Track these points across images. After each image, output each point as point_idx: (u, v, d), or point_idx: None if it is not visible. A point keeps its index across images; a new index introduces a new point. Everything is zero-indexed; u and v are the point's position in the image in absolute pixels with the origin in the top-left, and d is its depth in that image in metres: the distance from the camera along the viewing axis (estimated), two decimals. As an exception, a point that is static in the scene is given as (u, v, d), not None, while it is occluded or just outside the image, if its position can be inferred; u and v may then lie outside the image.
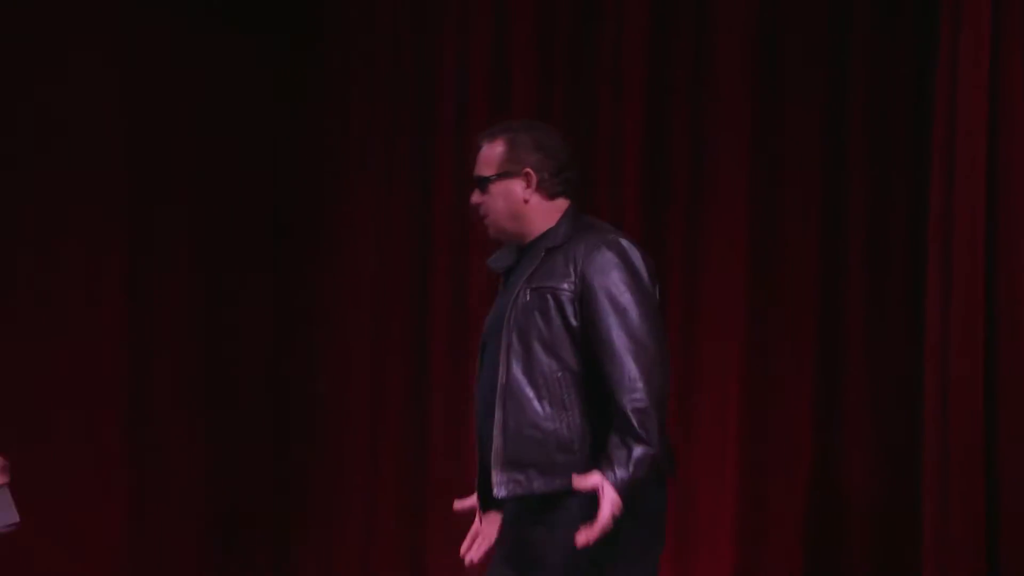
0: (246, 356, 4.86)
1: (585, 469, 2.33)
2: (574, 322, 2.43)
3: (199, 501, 4.72)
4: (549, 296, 2.45)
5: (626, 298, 2.40)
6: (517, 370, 2.45)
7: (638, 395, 2.33)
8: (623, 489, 2.29)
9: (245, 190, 4.88)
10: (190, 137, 4.76)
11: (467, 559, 2.57)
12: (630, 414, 2.33)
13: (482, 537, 2.57)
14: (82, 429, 4.54)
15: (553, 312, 2.44)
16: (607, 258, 2.43)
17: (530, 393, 2.44)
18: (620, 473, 2.29)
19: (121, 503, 4.59)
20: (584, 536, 2.26)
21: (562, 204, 2.54)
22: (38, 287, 4.52)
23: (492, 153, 2.53)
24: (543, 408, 2.44)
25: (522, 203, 2.51)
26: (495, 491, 2.43)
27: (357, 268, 4.70)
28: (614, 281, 2.41)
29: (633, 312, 2.39)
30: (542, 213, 2.52)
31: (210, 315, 4.78)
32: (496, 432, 2.45)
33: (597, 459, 2.33)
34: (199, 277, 4.77)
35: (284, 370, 4.86)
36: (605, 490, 2.28)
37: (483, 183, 2.53)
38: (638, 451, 2.32)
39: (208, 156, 4.78)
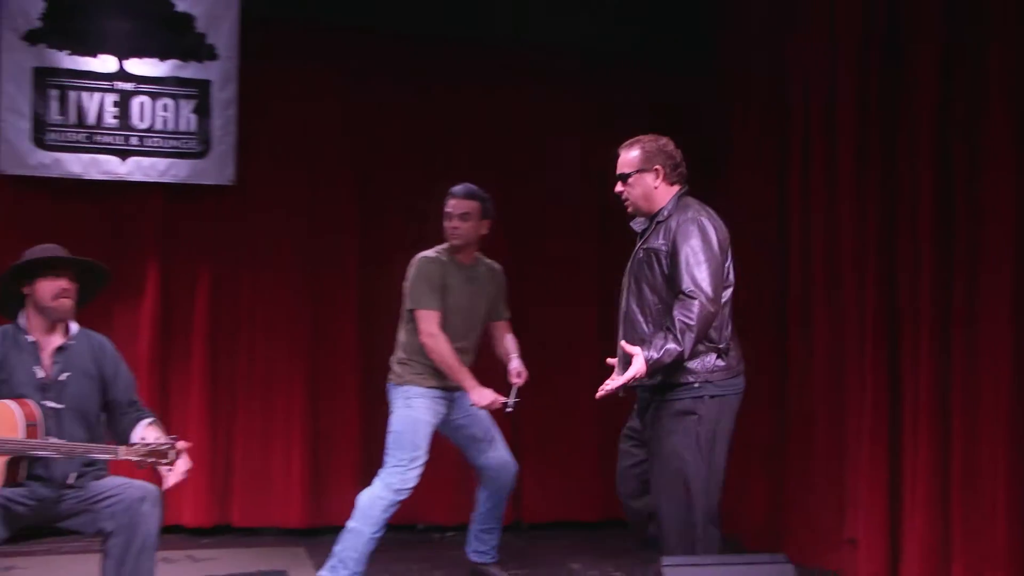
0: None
1: (679, 371, 3.52)
2: (667, 271, 3.53)
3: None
4: (652, 254, 3.58)
5: (697, 256, 3.47)
6: (632, 302, 3.63)
7: (687, 315, 3.42)
8: (649, 362, 3.39)
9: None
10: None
11: (597, 396, 3.61)
12: (676, 323, 3.42)
13: (608, 383, 3.56)
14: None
15: (655, 264, 3.57)
16: (690, 229, 3.52)
17: (640, 318, 3.59)
18: (652, 352, 3.40)
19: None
20: (608, 386, 3.47)
21: (675, 190, 3.67)
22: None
23: (630, 156, 3.70)
24: (648, 328, 3.56)
25: (652, 189, 3.66)
26: (605, 389, 3.49)
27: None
28: (691, 245, 3.49)
29: (699, 266, 3.46)
30: (663, 196, 3.66)
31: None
32: (619, 344, 3.56)
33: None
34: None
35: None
36: (636, 359, 3.38)
37: (625, 177, 3.70)
38: (670, 345, 3.40)
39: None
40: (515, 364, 4.59)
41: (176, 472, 3.57)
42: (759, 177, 5.83)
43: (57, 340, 3.68)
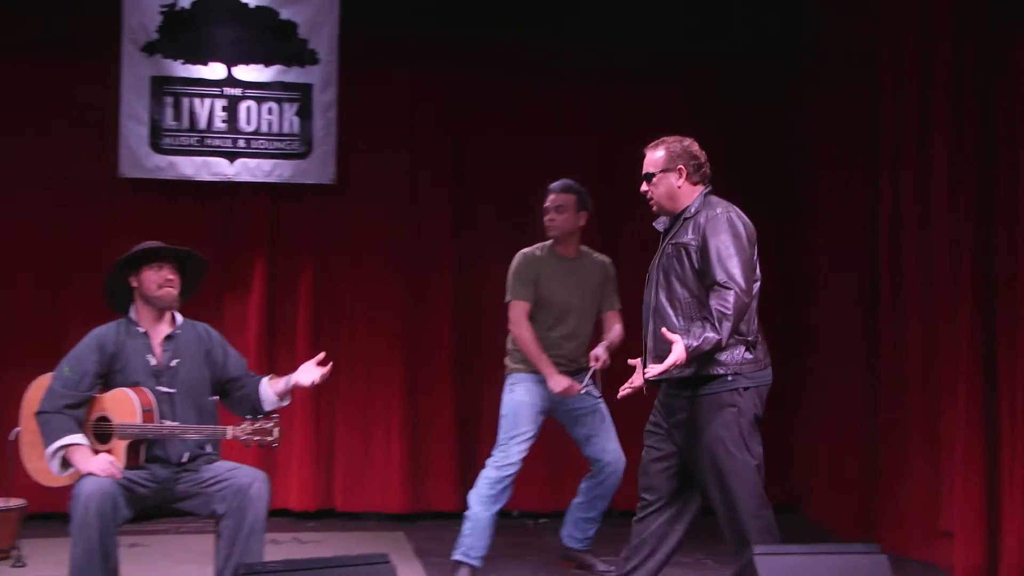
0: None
1: (710, 363, 3.51)
2: (697, 265, 3.54)
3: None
4: (682, 248, 3.58)
5: (729, 250, 3.50)
6: (663, 296, 3.61)
7: (724, 304, 3.43)
8: (689, 349, 3.39)
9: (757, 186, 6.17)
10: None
11: (620, 396, 3.75)
12: (714, 312, 3.43)
13: (632, 380, 3.72)
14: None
15: (684, 259, 3.57)
16: (720, 224, 3.54)
17: (670, 311, 3.59)
18: (691, 340, 3.40)
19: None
20: (649, 373, 3.48)
21: (700, 189, 3.68)
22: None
23: (655, 156, 3.71)
24: (678, 321, 3.56)
25: (676, 189, 3.68)
26: (646, 375, 3.54)
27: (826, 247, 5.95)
28: (722, 239, 3.52)
29: (731, 259, 3.48)
30: (687, 195, 3.67)
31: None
32: (648, 337, 3.64)
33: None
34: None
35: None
36: (676, 347, 3.38)
37: (650, 177, 3.71)
38: (709, 334, 3.41)
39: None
40: (598, 350, 4.61)
41: (310, 375, 3.83)
42: (847, 174, 5.75)
43: (165, 329, 3.87)
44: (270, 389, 3.91)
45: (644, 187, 3.72)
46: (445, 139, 6.28)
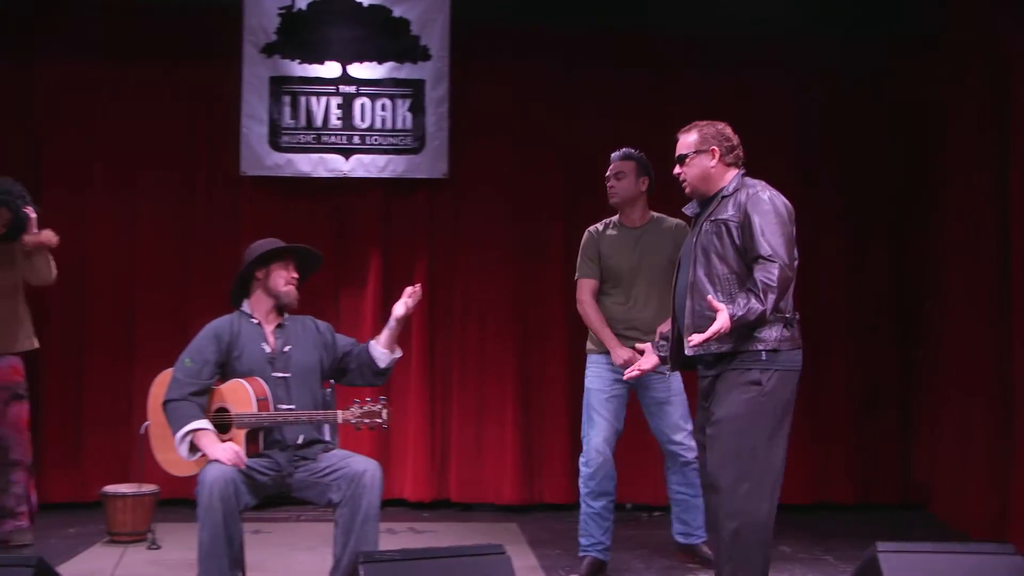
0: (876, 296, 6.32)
1: (749, 338, 3.44)
2: (737, 241, 3.50)
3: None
4: (722, 225, 3.53)
5: (771, 227, 3.46)
6: (700, 272, 3.54)
7: (769, 276, 3.39)
8: (734, 318, 3.34)
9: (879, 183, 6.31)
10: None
11: (626, 376, 3.87)
12: (759, 283, 3.39)
13: (639, 363, 3.79)
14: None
15: (724, 235, 3.52)
16: (761, 200, 3.51)
17: (708, 288, 3.51)
18: (736, 309, 3.36)
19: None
20: (696, 339, 3.38)
21: (734, 171, 3.65)
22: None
23: (688, 139, 3.69)
24: (717, 297, 3.46)
25: (709, 170, 3.64)
26: (686, 351, 3.50)
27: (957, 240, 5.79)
28: (764, 215, 3.47)
29: (774, 234, 3.44)
30: (720, 176, 3.64)
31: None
32: (687, 314, 3.55)
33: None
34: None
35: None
36: (721, 314, 3.34)
37: (683, 159, 3.67)
38: (754, 303, 3.37)
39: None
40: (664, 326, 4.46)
41: (401, 305, 3.98)
42: (976, 168, 5.48)
43: (275, 320, 4.01)
44: (378, 345, 4.00)
45: (677, 169, 3.69)
46: (554, 131, 6.23)
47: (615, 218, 4.72)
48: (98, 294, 6.07)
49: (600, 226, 4.73)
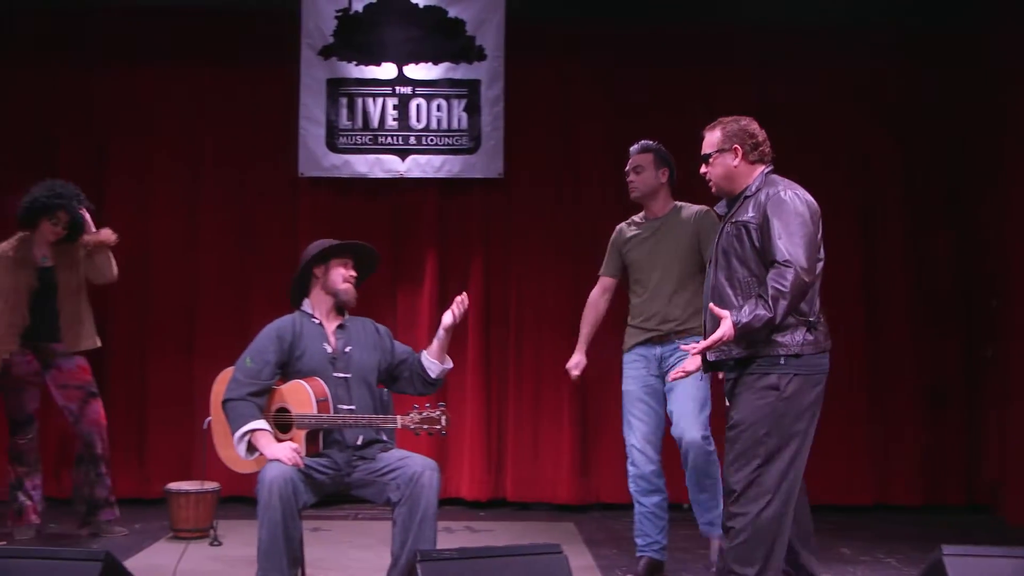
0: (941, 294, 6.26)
1: (769, 343, 3.36)
2: (757, 244, 3.42)
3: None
4: (742, 227, 3.45)
5: (791, 228, 3.35)
6: (721, 276, 3.48)
7: (781, 282, 3.28)
8: (737, 325, 3.29)
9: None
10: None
11: (671, 378, 3.96)
12: (770, 289, 3.30)
13: (684, 365, 3.90)
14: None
15: (745, 238, 3.44)
16: (782, 201, 3.40)
17: (728, 291, 3.45)
18: (741, 316, 3.30)
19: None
20: (697, 346, 3.41)
21: (759, 168, 3.56)
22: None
23: (711, 137, 3.61)
24: (737, 300, 3.42)
25: (733, 169, 3.56)
26: (709, 356, 3.46)
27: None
28: (784, 217, 3.38)
29: (793, 237, 3.34)
30: (745, 175, 3.55)
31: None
32: (708, 317, 3.47)
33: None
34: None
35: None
36: (724, 322, 3.30)
37: (707, 158, 3.60)
38: (761, 311, 3.29)
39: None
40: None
41: (448, 314, 3.97)
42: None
43: (336, 320, 4.02)
44: (429, 356, 4.01)
45: (703, 168, 3.62)
46: (610, 128, 6.19)
47: (642, 212, 4.64)
48: (160, 293, 6.17)
49: (627, 222, 4.67)
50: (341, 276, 3.99)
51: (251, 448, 3.75)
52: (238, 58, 6.18)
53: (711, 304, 3.42)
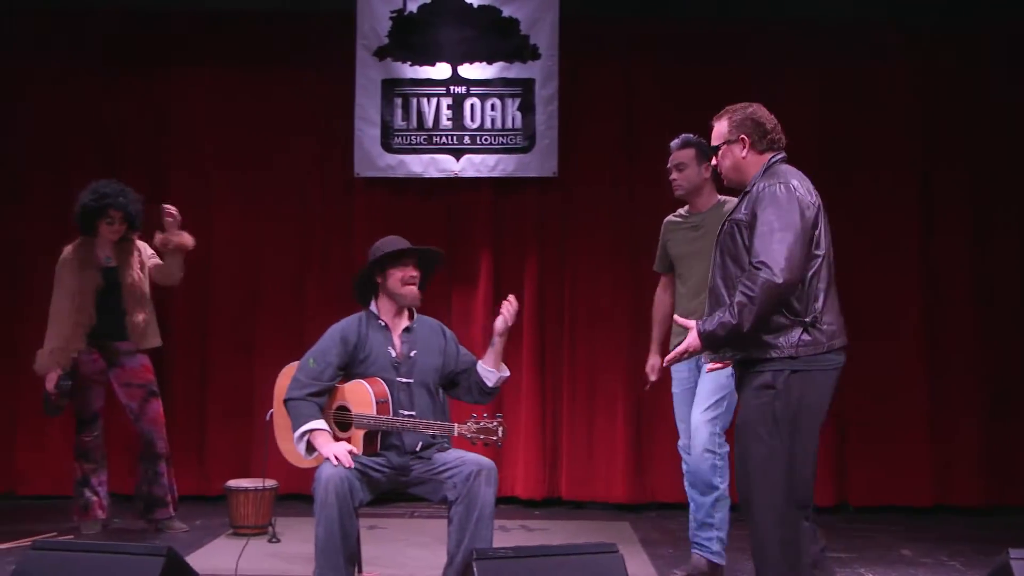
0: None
1: (761, 345, 3.24)
2: (748, 242, 3.27)
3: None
4: (735, 225, 3.33)
5: (771, 227, 3.20)
6: (717, 276, 3.37)
7: (748, 288, 3.17)
8: (702, 334, 3.25)
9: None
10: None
11: (665, 362, 3.69)
12: (737, 295, 3.20)
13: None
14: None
15: (737, 236, 3.32)
16: (768, 196, 3.25)
17: (723, 291, 3.32)
18: (706, 325, 3.25)
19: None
20: (664, 359, 3.53)
21: (767, 157, 3.41)
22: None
23: (720, 128, 3.50)
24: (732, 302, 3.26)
25: (741, 160, 3.43)
26: (705, 360, 3.50)
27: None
28: (767, 215, 3.23)
29: (773, 234, 3.18)
30: (754, 165, 3.42)
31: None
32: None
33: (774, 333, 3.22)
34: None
35: None
36: (690, 332, 3.28)
37: (716, 150, 3.50)
38: (726, 318, 3.20)
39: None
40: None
41: (499, 320, 3.93)
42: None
43: (403, 323, 4.00)
44: (485, 364, 3.99)
45: (714, 161, 3.52)
46: (663, 126, 6.11)
47: (686, 206, 4.54)
48: (220, 292, 6.26)
49: (674, 215, 4.57)
50: (401, 280, 3.94)
51: (310, 448, 3.79)
52: (295, 60, 6.25)
53: (675, 315, 3.46)
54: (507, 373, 4.02)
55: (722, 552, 4.26)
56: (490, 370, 3.98)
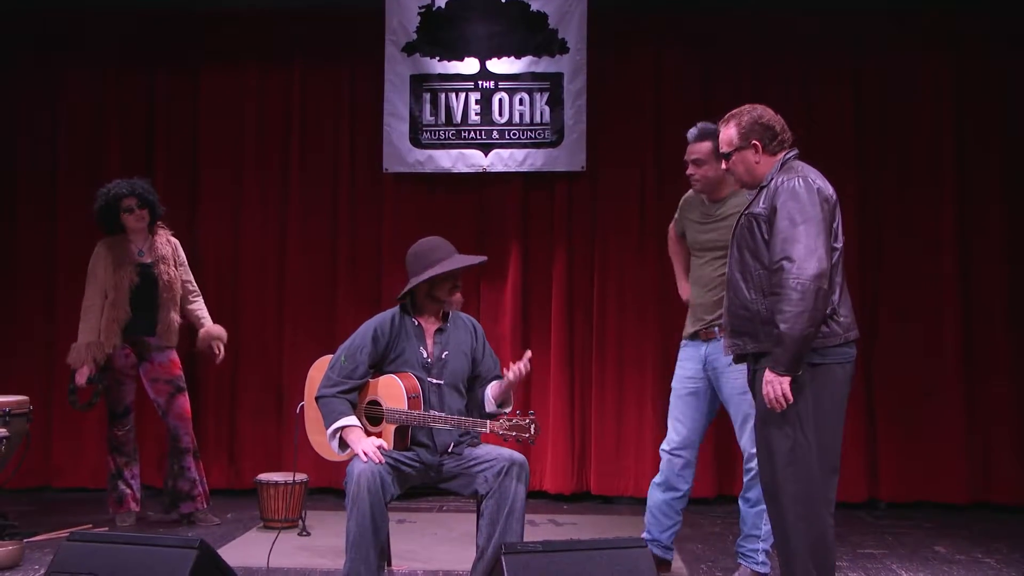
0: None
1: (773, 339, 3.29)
2: (767, 236, 3.34)
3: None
4: (753, 219, 3.39)
5: (794, 220, 3.26)
6: (735, 269, 3.44)
7: (784, 299, 3.22)
8: (777, 369, 3.25)
9: None
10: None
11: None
12: (777, 314, 3.25)
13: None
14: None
15: (755, 230, 3.38)
16: (788, 191, 3.32)
17: (742, 285, 3.41)
18: (774, 363, 3.25)
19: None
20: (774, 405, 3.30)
21: (779, 157, 3.47)
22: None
23: (728, 135, 3.52)
24: (750, 294, 3.40)
25: (754, 164, 3.49)
26: (724, 353, 3.54)
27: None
28: (788, 209, 3.29)
29: (794, 230, 3.25)
30: (767, 166, 3.48)
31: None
32: (724, 311, 3.52)
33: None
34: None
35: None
36: (765, 385, 3.28)
37: (727, 156, 3.54)
38: (777, 349, 3.25)
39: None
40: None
41: (513, 371, 3.79)
42: None
43: (436, 323, 4.00)
44: (490, 392, 3.96)
45: (724, 166, 3.57)
46: (692, 119, 6.09)
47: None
48: (249, 288, 6.31)
49: (693, 192, 4.41)
50: (449, 290, 3.93)
51: (343, 444, 3.82)
52: (324, 56, 6.28)
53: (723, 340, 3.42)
54: (508, 410, 3.97)
55: (767, 562, 4.20)
56: (492, 402, 3.95)
